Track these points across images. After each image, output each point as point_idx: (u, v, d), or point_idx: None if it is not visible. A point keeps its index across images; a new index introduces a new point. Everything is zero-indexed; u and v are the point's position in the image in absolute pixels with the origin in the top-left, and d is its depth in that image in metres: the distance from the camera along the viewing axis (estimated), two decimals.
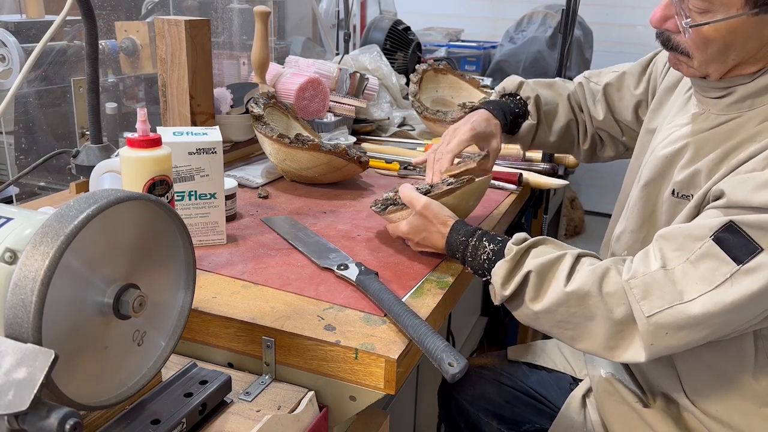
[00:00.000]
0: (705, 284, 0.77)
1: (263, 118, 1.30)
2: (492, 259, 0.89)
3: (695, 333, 0.78)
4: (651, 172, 0.96)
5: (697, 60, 0.85)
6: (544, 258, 0.85)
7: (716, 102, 0.89)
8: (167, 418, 0.65)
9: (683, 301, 0.77)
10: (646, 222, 0.97)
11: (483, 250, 0.90)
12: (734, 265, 0.76)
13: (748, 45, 0.82)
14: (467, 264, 0.93)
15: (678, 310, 0.77)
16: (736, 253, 0.76)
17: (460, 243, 0.92)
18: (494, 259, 0.89)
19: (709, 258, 0.77)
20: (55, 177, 1.40)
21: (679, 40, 0.86)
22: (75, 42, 1.41)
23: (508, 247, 0.87)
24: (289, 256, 1.00)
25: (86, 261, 0.56)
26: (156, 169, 0.84)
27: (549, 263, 0.85)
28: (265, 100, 1.36)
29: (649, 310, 0.78)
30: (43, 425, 0.48)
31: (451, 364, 0.70)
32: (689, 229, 0.81)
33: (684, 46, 0.86)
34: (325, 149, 1.25)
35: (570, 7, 1.46)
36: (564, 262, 0.85)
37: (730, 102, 0.87)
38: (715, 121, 0.89)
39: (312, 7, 2.47)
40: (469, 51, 3.09)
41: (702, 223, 0.80)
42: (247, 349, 0.81)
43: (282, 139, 1.25)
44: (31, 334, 0.50)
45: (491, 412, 1.17)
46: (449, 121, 1.70)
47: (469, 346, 2.11)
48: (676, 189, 0.90)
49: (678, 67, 0.90)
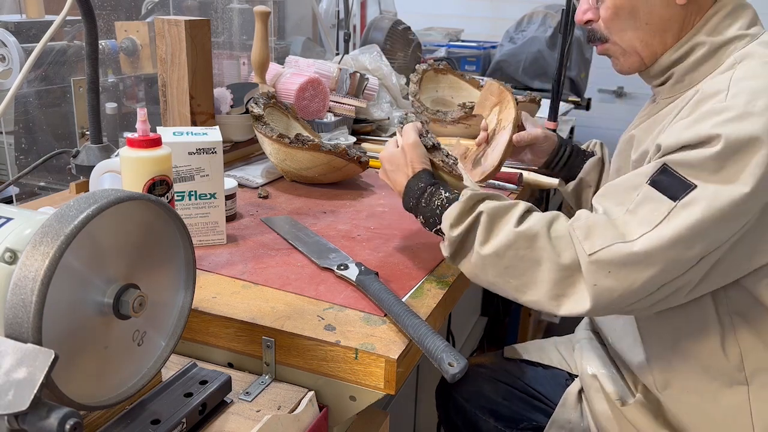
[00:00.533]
0: (645, 225, 0.77)
1: (263, 118, 1.30)
2: (445, 205, 0.89)
3: (638, 272, 0.77)
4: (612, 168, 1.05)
5: (617, 36, 0.94)
6: (498, 203, 0.86)
7: (662, 89, 0.96)
8: (167, 418, 0.65)
9: (625, 241, 0.78)
10: None
11: (438, 197, 0.91)
12: (671, 202, 0.77)
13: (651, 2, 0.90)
14: (419, 212, 0.93)
15: (619, 248, 0.77)
16: (672, 192, 0.77)
17: (419, 188, 0.93)
18: (447, 205, 0.89)
19: (647, 201, 0.79)
20: (55, 177, 1.40)
21: (599, 27, 0.97)
22: (75, 42, 1.41)
23: (463, 192, 0.88)
24: (289, 256, 1.00)
25: (86, 261, 0.56)
26: (156, 169, 0.84)
27: (502, 207, 0.85)
28: (265, 100, 1.36)
29: (591, 248, 0.78)
30: (43, 425, 0.48)
31: (451, 364, 0.70)
32: (624, 181, 0.83)
33: (603, 31, 0.96)
34: (325, 149, 1.25)
35: (570, 7, 1.46)
36: (517, 207, 0.86)
37: (672, 84, 0.94)
38: (663, 105, 0.95)
39: (312, 7, 2.47)
40: (469, 51, 3.09)
41: (637, 172, 0.82)
42: (247, 349, 0.81)
43: (282, 139, 1.25)
44: (31, 334, 0.50)
45: (488, 409, 1.17)
46: (449, 121, 1.70)
47: (469, 346, 2.12)
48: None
49: (618, 65, 0.99)
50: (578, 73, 2.91)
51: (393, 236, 1.10)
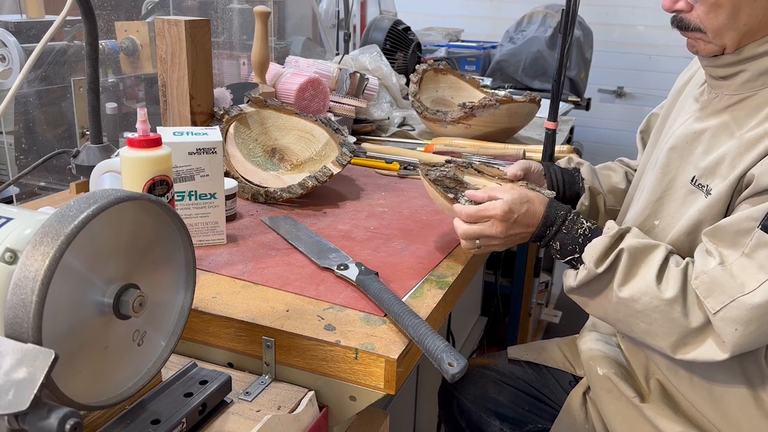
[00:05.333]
0: (763, 273, 0.78)
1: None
2: (588, 235, 0.91)
3: (764, 323, 0.78)
4: (664, 160, 0.97)
5: (711, 31, 0.87)
6: (640, 241, 0.87)
7: (729, 83, 0.91)
8: (167, 418, 0.65)
9: (745, 293, 0.78)
10: (649, 206, 0.98)
11: (581, 225, 0.92)
12: None
13: (756, 4, 0.84)
14: (557, 238, 0.93)
15: (741, 303, 0.78)
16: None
17: (560, 216, 0.94)
18: (590, 236, 0.91)
19: (762, 247, 0.78)
20: (55, 177, 1.40)
21: (691, 17, 0.89)
22: (75, 42, 1.41)
23: (608, 227, 0.89)
24: (289, 256, 1.00)
25: (86, 261, 0.56)
26: (156, 169, 0.84)
27: (643, 247, 0.87)
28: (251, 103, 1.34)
29: (714, 307, 0.80)
30: (43, 425, 0.48)
31: (451, 364, 0.70)
32: (735, 223, 0.82)
33: (696, 21, 0.88)
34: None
35: (570, 7, 1.46)
36: (658, 251, 0.87)
37: (743, 81, 0.89)
38: (729, 101, 0.90)
39: (312, 7, 2.47)
40: (469, 51, 3.09)
41: (745, 215, 0.81)
42: (247, 349, 0.81)
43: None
44: (31, 334, 0.50)
45: (494, 411, 1.17)
46: (449, 121, 1.70)
47: (469, 346, 2.12)
48: (696, 176, 0.91)
49: (695, 48, 0.92)
50: (578, 73, 2.92)
51: (393, 236, 1.10)
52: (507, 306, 2.39)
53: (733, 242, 0.81)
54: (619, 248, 0.87)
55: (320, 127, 1.33)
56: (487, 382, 1.21)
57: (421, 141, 1.73)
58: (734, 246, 0.81)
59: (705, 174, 0.89)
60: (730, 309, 0.79)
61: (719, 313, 0.79)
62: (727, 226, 0.83)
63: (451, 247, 1.06)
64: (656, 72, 3.49)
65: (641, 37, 3.51)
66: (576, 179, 1.21)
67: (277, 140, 1.33)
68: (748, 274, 0.79)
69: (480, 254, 1.03)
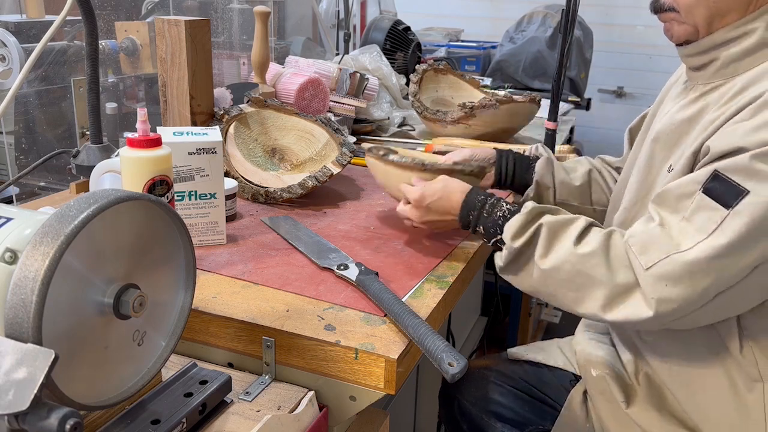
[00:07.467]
0: (700, 234, 0.78)
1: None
2: (507, 216, 0.93)
3: (695, 282, 0.78)
4: (648, 152, 0.99)
5: (683, 9, 0.90)
6: (559, 216, 0.89)
7: (702, 74, 0.93)
8: (167, 418, 0.65)
9: (679, 251, 0.78)
10: (639, 201, 1.00)
11: (500, 208, 0.95)
12: (724, 210, 0.77)
13: None
14: (480, 223, 0.95)
15: (674, 259, 0.78)
16: (725, 199, 0.78)
17: (479, 201, 0.96)
18: (509, 216, 0.92)
19: (702, 210, 0.79)
20: (55, 177, 1.40)
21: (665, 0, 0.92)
22: (75, 42, 1.41)
23: (525, 204, 0.92)
24: (289, 256, 1.00)
25: (86, 261, 0.56)
26: (156, 169, 0.84)
27: (562, 221, 0.88)
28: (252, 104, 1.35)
29: (647, 263, 0.80)
30: (43, 425, 0.48)
31: (451, 364, 0.70)
32: (680, 188, 0.83)
33: (670, 2, 0.92)
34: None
35: (570, 7, 1.46)
36: (577, 222, 0.88)
37: (715, 69, 0.91)
38: (702, 90, 0.93)
39: (312, 7, 2.47)
40: (469, 51, 3.09)
41: (690, 179, 0.82)
42: (247, 349, 0.81)
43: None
44: (31, 334, 0.50)
45: (495, 413, 1.17)
46: (449, 121, 1.70)
47: (469, 346, 2.12)
48: (672, 164, 0.92)
49: (670, 32, 0.95)
50: (578, 73, 2.92)
51: (393, 236, 1.10)
52: (507, 306, 2.39)
53: (675, 206, 0.82)
54: (538, 223, 0.88)
55: (320, 127, 1.33)
56: (488, 384, 1.21)
57: (421, 141, 1.73)
58: (676, 210, 0.82)
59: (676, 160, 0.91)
60: (662, 265, 0.79)
61: (651, 269, 0.80)
62: (672, 189, 0.84)
63: (451, 247, 1.06)
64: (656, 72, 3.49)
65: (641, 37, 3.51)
66: (528, 168, 1.25)
67: (277, 140, 1.33)
68: (685, 236, 0.79)
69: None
